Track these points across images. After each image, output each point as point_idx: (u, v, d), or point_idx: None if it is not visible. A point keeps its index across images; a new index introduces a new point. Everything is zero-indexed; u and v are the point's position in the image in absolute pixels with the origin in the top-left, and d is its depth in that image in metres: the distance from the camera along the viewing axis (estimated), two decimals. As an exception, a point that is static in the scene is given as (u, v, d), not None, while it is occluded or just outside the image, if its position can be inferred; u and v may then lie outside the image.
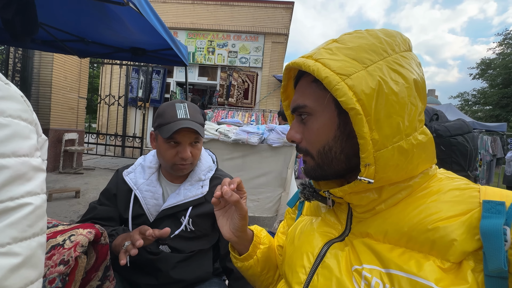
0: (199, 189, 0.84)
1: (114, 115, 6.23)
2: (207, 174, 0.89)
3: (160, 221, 0.83)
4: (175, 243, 0.83)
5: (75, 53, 3.49)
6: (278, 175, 2.08)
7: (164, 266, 0.81)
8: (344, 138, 0.39)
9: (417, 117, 0.38)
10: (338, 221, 0.45)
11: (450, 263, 0.31)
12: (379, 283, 0.34)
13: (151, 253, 0.82)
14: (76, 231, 0.58)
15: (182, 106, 0.82)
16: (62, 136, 4.45)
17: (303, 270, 0.43)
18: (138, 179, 0.85)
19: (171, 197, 0.84)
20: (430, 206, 0.36)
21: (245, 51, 7.16)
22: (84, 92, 5.13)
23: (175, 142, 0.80)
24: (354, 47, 0.37)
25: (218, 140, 2.09)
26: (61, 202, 3.04)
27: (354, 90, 0.34)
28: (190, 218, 0.83)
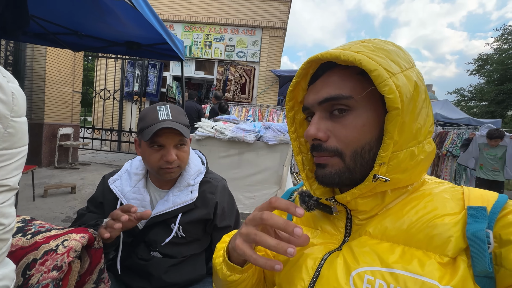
0: (188, 195, 0.82)
1: (110, 109, 6.16)
2: (196, 178, 0.86)
3: (149, 229, 0.82)
4: (166, 249, 0.82)
5: (68, 47, 3.42)
6: (274, 173, 2.09)
7: (156, 271, 0.80)
8: (380, 139, 0.37)
9: (429, 127, 0.39)
10: (337, 230, 0.44)
11: (448, 257, 0.33)
12: (383, 284, 0.33)
13: (142, 259, 0.82)
14: (69, 236, 0.58)
15: (164, 108, 0.78)
16: (57, 131, 4.40)
17: (302, 283, 0.41)
18: (124, 187, 0.83)
19: (159, 204, 0.82)
20: (426, 205, 0.37)
21: (242, 45, 7.08)
22: (79, 86, 5.05)
23: (159, 146, 0.77)
24: (390, 50, 0.37)
25: (214, 138, 2.08)
26: (57, 198, 3.03)
27: (399, 90, 0.34)
28: (180, 225, 0.82)
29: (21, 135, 0.39)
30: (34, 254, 0.54)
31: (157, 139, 0.76)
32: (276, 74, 6.85)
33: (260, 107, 6.39)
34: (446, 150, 6.31)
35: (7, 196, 0.39)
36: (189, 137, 0.83)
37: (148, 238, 0.83)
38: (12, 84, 0.36)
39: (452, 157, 6.25)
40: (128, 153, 5.94)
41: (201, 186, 0.87)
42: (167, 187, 0.87)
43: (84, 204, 2.92)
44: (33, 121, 4.23)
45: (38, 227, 0.62)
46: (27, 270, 0.52)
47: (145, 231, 0.83)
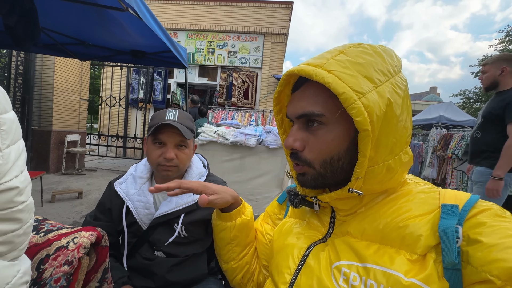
0: (190, 196, 0.86)
1: (116, 116, 6.29)
2: (198, 180, 0.91)
3: (153, 229, 0.86)
4: (169, 249, 0.85)
5: (76, 56, 3.54)
6: (275, 176, 2.12)
7: (159, 270, 0.83)
8: (354, 149, 0.39)
9: (406, 138, 0.40)
10: (322, 223, 0.49)
11: (417, 255, 0.35)
12: (356, 276, 0.37)
13: (146, 259, 0.85)
14: (79, 233, 0.62)
15: (173, 111, 0.85)
16: (65, 137, 4.51)
17: (288, 270, 0.46)
18: (129, 190, 0.87)
19: (163, 205, 0.86)
20: (402, 206, 0.40)
21: (244, 51, 7.19)
22: (86, 94, 5.18)
23: (160, 143, 0.82)
24: (364, 64, 0.36)
25: (216, 142, 2.13)
26: (64, 203, 3.10)
27: (368, 111, 0.34)
28: (183, 225, 0.85)
29: (14, 127, 0.39)
30: (47, 250, 0.58)
31: (159, 136, 0.81)
32: (279, 79, 6.92)
33: (263, 112, 6.45)
34: (451, 153, 6.24)
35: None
36: (191, 138, 0.86)
37: (152, 238, 0.86)
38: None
39: (458, 159, 6.18)
40: (133, 158, 6.03)
41: None
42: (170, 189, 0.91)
43: (90, 209, 2.97)
44: (42, 128, 4.35)
45: (50, 226, 0.66)
46: (40, 265, 0.56)
47: (149, 231, 0.86)
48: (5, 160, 0.37)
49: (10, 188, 0.38)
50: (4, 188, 0.38)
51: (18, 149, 0.41)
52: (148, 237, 0.86)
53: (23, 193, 0.41)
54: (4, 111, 0.37)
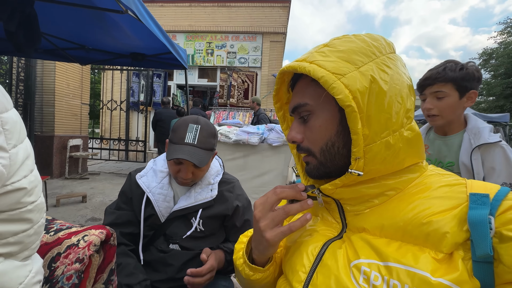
0: (208, 193, 0.89)
1: (117, 120, 6.31)
2: (215, 178, 0.94)
3: (170, 222, 0.88)
4: (185, 242, 0.87)
5: (76, 61, 3.56)
6: (279, 174, 2.12)
7: (175, 261, 0.85)
8: (346, 133, 0.40)
9: (403, 114, 0.40)
10: (334, 220, 0.47)
11: (443, 254, 0.33)
12: (378, 276, 0.35)
13: (162, 251, 0.87)
14: (89, 231, 0.62)
15: (194, 129, 0.82)
16: (67, 142, 4.53)
17: (303, 269, 0.43)
18: (151, 183, 0.89)
19: (182, 199, 0.88)
20: (423, 202, 0.38)
21: (243, 51, 7.19)
22: (87, 98, 5.21)
23: (178, 163, 0.83)
24: (345, 50, 0.39)
25: (219, 141, 2.13)
26: (68, 207, 3.11)
27: (349, 89, 0.36)
28: (200, 219, 0.88)
29: (18, 127, 0.39)
30: (58, 249, 0.59)
31: (177, 159, 0.81)
32: (278, 78, 6.91)
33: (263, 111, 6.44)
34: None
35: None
36: (206, 163, 0.83)
37: (169, 231, 0.88)
38: None
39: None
40: (135, 161, 6.05)
41: (220, 185, 0.94)
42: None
43: (95, 212, 2.99)
44: (44, 133, 4.37)
45: (59, 225, 0.67)
46: (52, 263, 0.56)
47: (166, 224, 0.88)
48: (13, 160, 0.36)
49: (17, 189, 0.38)
50: (12, 189, 0.37)
51: (26, 148, 0.40)
52: (165, 230, 0.88)
53: (32, 193, 0.41)
54: (4, 109, 0.36)
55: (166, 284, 0.84)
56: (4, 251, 0.38)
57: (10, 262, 0.39)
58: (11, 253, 0.39)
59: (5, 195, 0.36)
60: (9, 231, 0.38)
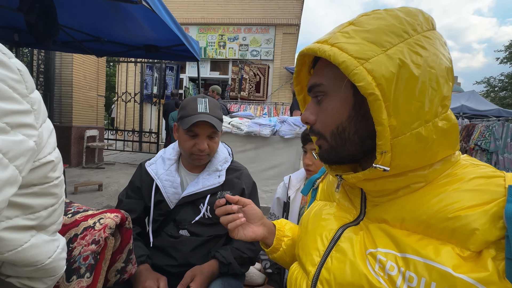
0: (216, 179, 0.90)
1: (131, 111, 6.45)
2: (223, 165, 0.94)
3: (180, 208, 0.90)
4: (194, 228, 0.89)
5: (92, 53, 3.64)
6: (290, 166, 2.10)
7: (184, 248, 0.87)
8: (358, 119, 0.38)
9: (438, 102, 0.35)
10: (353, 205, 0.45)
11: (470, 251, 0.31)
12: (394, 266, 0.34)
13: (172, 237, 0.89)
14: (105, 215, 0.63)
15: (203, 101, 0.87)
16: (84, 133, 4.68)
17: (317, 252, 0.44)
18: (159, 170, 0.92)
19: (190, 186, 0.90)
20: (452, 195, 0.34)
21: (256, 43, 7.11)
22: (102, 90, 5.34)
23: (194, 135, 0.86)
24: (372, 30, 0.35)
25: (231, 133, 2.13)
26: (85, 195, 3.24)
27: (373, 75, 0.33)
28: (208, 206, 0.88)
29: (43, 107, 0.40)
30: (75, 230, 0.60)
31: (193, 129, 0.84)
32: (291, 71, 6.81)
33: (275, 104, 6.40)
34: (474, 144, 5.94)
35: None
36: (220, 129, 0.90)
37: (179, 217, 0.90)
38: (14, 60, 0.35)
39: (481, 150, 5.87)
40: (148, 152, 6.20)
41: (228, 172, 0.94)
42: (197, 171, 0.94)
43: (110, 200, 3.09)
44: (63, 124, 4.53)
45: (76, 208, 0.69)
46: (69, 244, 0.58)
47: (175, 210, 0.90)
48: (40, 138, 0.39)
49: (46, 163, 0.40)
50: (41, 163, 0.40)
51: (49, 127, 0.43)
52: (174, 216, 0.90)
53: (57, 168, 0.43)
54: (32, 90, 0.38)
55: (177, 269, 0.86)
56: (37, 223, 0.41)
57: (41, 236, 0.42)
58: (43, 225, 0.42)
59: (37, 169, 0.39)
60: (41, 205, 0.41)
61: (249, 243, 0.91)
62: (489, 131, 5.75)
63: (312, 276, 0.43)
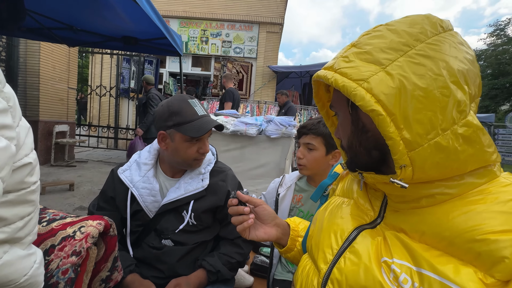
0: (199, 183, 0.85)
1: (106, 106, 6.09)
2: (206, 167, 0.89)
3: (160, 217, 0.83)
4: (178, 236, 0.83)
5: (63, 42, 3.37)
6: (276, 166, 2.10)
7: (169, 259, 0.82)
8: (358, 133, 0.41)
9: (453, 108, 0.33)
10: (371, 207, 0.44)
11: (495, 279, 0.29)
12: (408, 280, 0.33)
13: (154, 248, 0.83)
14: (86, 222, 0.58)
15: (196, 102, 0.84)
16: (53, 128, 4.34)
17: (330, 250, 0.43)
18: (134, 177, 0.84)
19: (171, 192, 0.84)
20: (483, 215, 0.32)
21: (239, 40, 7.04)
22: (74, 82, 4.98)
23: (197, 139, 0.82)
24: (370, 50, 0.37)
25: (215, 132, 2.08)
26: (55, 195, 3.00)
27: (372, 93, 0.34)
28: (192, 212, 0.83)
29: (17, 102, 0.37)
30: (51, 241, 0.54)
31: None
32: (274, 70, 6.84)
33: (257, 103, 6.38)
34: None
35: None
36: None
37: (160, 226, 0.83)
38: None
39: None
40: (125, 150, 5.90)
41: (211, 174, 0.89)
42: (178, 176, 0.88)
43: (83, 201, 2.89)
44: (28, 118, 4.15)
45: (52, 215, 0.62)
46: (45, 256, 0.52)
47: (156, 219, 0.83)
48: (18, 139, 0.35)
49: (23, 165, 0.36)
50: (16, 167, 0.35)
51: (25, 126, 0.39)
52: (155, 225, 0.84)
53: (34, 172, 0.39)
54: (3, 84, 0.33)
55: (164, 280, 0.81)
56: (12, 236, 0.36)
57: (15, 251, 0.37)
58: (18, 238, 0.37)
59: (13, 173, 0.35)
60: (17, 214, 0.36)
61: (237, 247, 0.89)
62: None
63: (324, 274, 0.42)
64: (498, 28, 16.07)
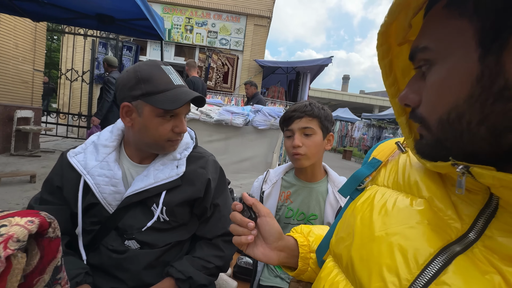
0: (173, 170, 0.70)
1: (78, 93, 5.62)
2: (183, 152, 0.74)
3: (123, 211, 0.67)
4: (145, 236, 0.68)
5: (27, 15, 2.99)
6: (262, 160, 1.98)
7: (133, 266, 0.66)
8: (489, 99, 0.23)
9: None
10: (456, 215, 0.28)
11: None
12: None
13: (114, 251, 0.67)
14: (10, 220, 0.41)
15: (171, 70, 0.69)
16: (14, 113, 3.89)
17: (397, 279, 0.27)
18: (89, 161, 0.67)
19: (137, 181, 0.68)
20: None
21: (225, 32, 6.81)
22: (41, 64, 4.51)
23: (172, 115, 0.67)
24: None
25: (198, 120, 1.91)
26: (12, 187, 2.67)
27: None
28: (164, 206, 0.68)
29: None
30: (-50, 246, 0.37)
31: (174, 110, 0.65)
32: (260, 64, 6.71)
33: (243, 97, 6.22)
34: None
35: None
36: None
37: (122, 223, 0.68)
38: None
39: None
40: (99, 141, 5.49)
41: (189, 161, 0.74)
42: (147, 162, 0.73)
43: (46, 194, 2.60)
44: (-16, 101, 3.70)
45: (-37, 209, 0.44)
46: None
47: (117, 215, 0.67)
48: None
49: None
50: None
51: None
52: (116, 223, 0.68)
53: None
54: None
55: None
56: None
57: None
58: None
59: None
60: None
61: (215, 249, 0.74)
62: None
63: None
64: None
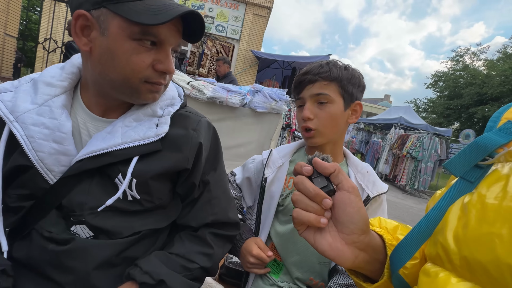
0: (151, 129, 0.48)
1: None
2: (167, 108, 0.53)
3: (71, 183, 0.45)
4: (102, 220, 0.46)
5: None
6: (258, 147, 1.77)
7: (79, 263, 0.44)
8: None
9: None
10: None
11: None
12: None
13: (53, 241, 0.45)
14: None
15: None
16: (-23, 79, 3.45)
17: None
18: (20, 103, 0.44)
19: (96, 139, 0.46)
20: None
21: (223, 18, 6.52)
22: (14, 29, 4.05)
23: (153, 42, 0.45)
24: None
25: (189, 96, 1.67)
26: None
27: None
28: (133, 178, 0.47)
29: None
30: None
31: (157, 31, 0.44)
32: (257, 55, 6.49)
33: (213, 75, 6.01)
34: (406, 152, 6.76)
35: None
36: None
37: (68, 200, 0.45)
38: None
39: (411, 158, 6.73)
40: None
41: (175, 120, 0.53)
42: (113, 115, 0.50)
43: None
44: None
45: None
46: None
47: (61, 187, 0.45)
48: None
49: None
50: None
51: None
52: (59, 199, 0.45)
53: None
54: None
55: None
56: None
57: None
58: None
59: None
60: None
61: (202, 243, 0.53)
62: (420, 142, 6.64)
63: None
64: (458, 54, 18.04)
